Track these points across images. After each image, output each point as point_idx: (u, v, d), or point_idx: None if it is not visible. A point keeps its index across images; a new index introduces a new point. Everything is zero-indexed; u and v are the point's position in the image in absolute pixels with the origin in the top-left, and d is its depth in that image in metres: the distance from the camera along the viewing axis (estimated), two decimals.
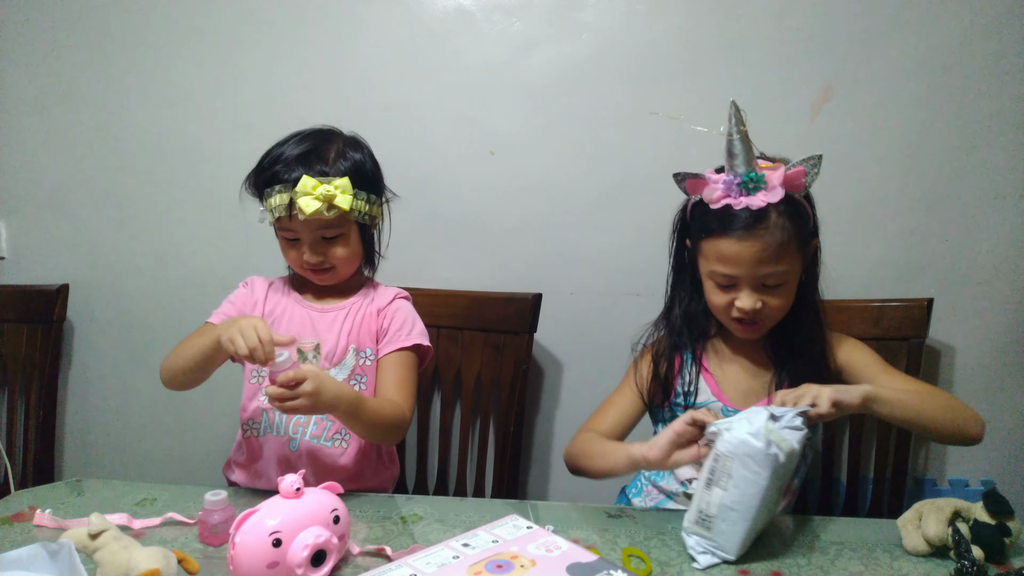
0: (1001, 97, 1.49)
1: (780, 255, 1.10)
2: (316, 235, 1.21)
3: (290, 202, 1.17)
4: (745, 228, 1.08)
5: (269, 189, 1.19)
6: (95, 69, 1.74)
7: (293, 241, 1.23)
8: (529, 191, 1.65)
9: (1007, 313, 1.55)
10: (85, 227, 1.80)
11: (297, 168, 1.18)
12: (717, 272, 1.14)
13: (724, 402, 1.22)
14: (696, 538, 0.95)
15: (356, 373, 1.27)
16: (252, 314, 1.28)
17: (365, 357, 1.28)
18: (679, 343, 1.25)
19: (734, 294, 1.14)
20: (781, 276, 1.12)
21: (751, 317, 1.14)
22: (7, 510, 1.09)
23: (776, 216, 1.09)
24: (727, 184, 1.09)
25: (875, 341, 1.43)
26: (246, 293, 1.32)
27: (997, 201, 1.51)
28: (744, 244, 1.09)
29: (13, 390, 1.75)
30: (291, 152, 1.21)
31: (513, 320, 1.57)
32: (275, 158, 1.22)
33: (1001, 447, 1.58)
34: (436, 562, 0.83)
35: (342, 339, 1.27)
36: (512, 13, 1.61)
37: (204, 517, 0.99)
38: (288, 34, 1.67)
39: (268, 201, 1.20)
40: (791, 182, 1.08)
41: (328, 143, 1.24)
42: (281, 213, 1.18)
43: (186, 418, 1.82)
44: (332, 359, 1.27)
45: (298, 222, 1.19)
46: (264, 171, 1.22)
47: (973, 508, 0.94)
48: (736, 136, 1.06)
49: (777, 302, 1.14)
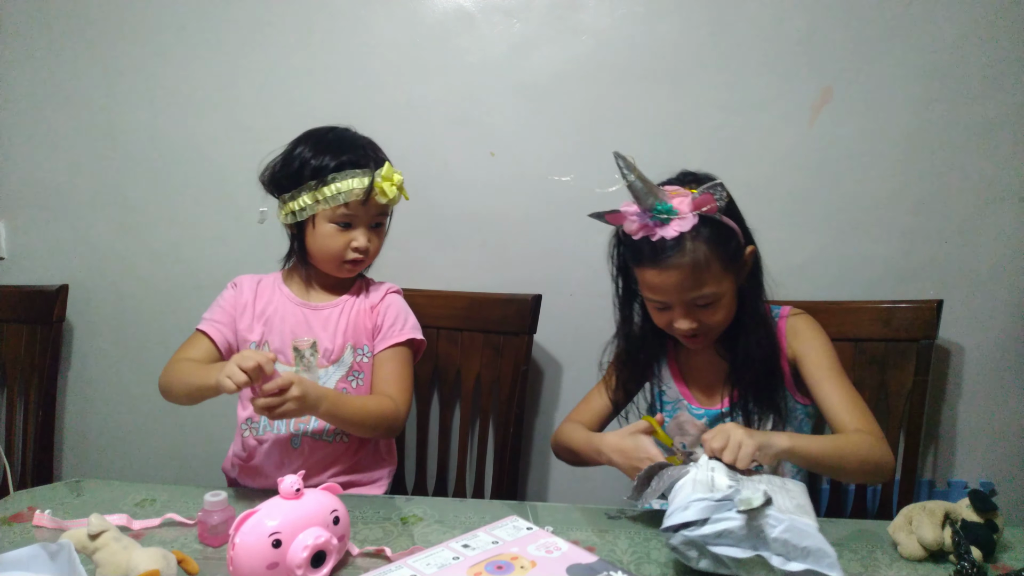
0: (1001, 97, 1.49)
1: (702, 279, 1.11)
2: (372, 222, 1.26)
3: (370, 185, 1.21)
4: (663, 258, 1.10)
5: (339, 174, 1.21)
6: (95, 69, 1.74)
7: (344, 227, 1.24)
8: (529, 192, 1.65)
9: (1011, 314, 1.54)
10: (85, 227, 1.80)
11: (370, 154, 1.24)
12: (650, 298, 1.18)
13: (689, 400, 1.26)
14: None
15: (354, 370, 1.28)
16: (243, 315, 1.29)
17: (363, 354, 1.29)
18: (637, 362, 1.29)
19: (671, 315, 1.17)
20: (709, 297, 1.14)
21: (691, 334, 1.17)
22: (6, 511, 1.09)
23: (691, 243, 1.10)
24: (640, 217, 1.11)
25: (884, 342, 1.44)
26: (234, 295, 1.32)
27: (998, 202, 1.51)
28: (665, 274, 1.11)
29: (12, 390, 1.74)
30: (338, 146, 1.23)
31: (513, 321, 1.57)
32: (329, 153, 1.22)
33: (1009, 448, 1.58)
34: (436, 563, 0.83)
35: (338, 337, 1.28)
36: (512, 14, 1.61)
37: (204, 518, 0.99)
38: (289, 35, 1.67)
39: (333, 184, 1.20)
40: (701, 207, 1.09)
41: (355, 134, 1.29)
42: (356, 197, 1.21)
43: (185, 419, 1.82)
44: (330, 357, 1.27)
45: (361, 208, 1.22)
46: (321, 164, 1.22)
47: (958, 508, 0.95)
48: (633, 181, 1.07)
49: (715, 318, 1.16)
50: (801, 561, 0.85)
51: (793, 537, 0.85)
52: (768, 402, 1.21)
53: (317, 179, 1.22)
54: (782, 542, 0.85)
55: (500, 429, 1.60)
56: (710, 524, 0.87)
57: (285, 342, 1.28)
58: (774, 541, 0.85)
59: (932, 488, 1.62)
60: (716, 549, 0.86)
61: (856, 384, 1.45)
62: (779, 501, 0.90)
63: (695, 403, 1.26)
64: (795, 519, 0.87)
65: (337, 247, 1.25)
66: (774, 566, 0.85)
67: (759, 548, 0.86)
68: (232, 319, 1.30)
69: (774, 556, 0.85)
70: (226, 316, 1.29)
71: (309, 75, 1.68)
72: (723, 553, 0.86)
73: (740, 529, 0.86)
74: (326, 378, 1.27)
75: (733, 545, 0.86)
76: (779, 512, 0.87)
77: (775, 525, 0.86)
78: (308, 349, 1.22)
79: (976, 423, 1.58)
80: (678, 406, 1.28)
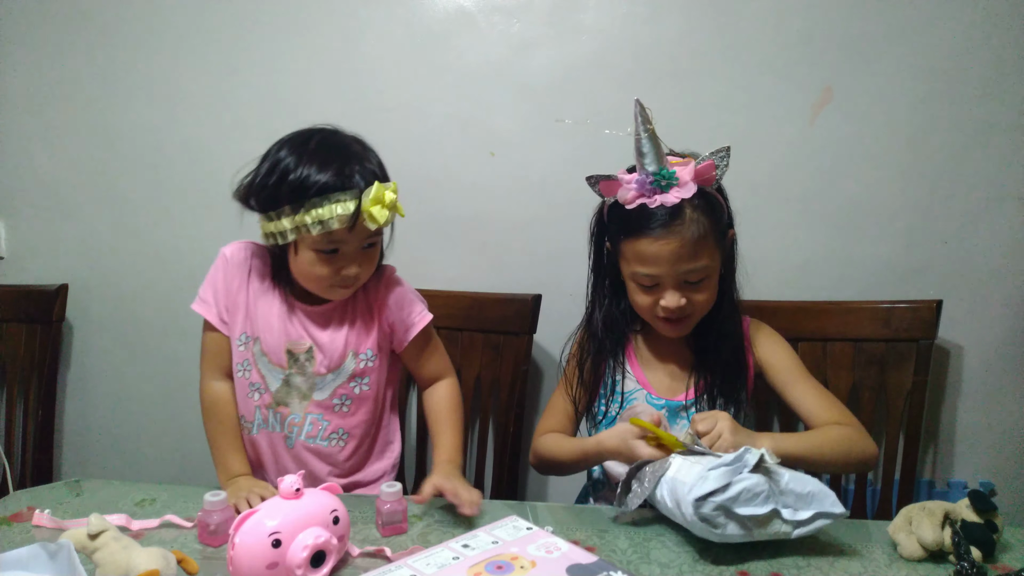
0: (1001, 97, 1.49)
1: (699, 250, 1.10)
2: (362, 245, 1.12)
3: (356, 211, 1.06)
4: (662, 226, 1.09)
5: (319, 199, 1.05)
6: (95, 69, 1.74)
7: (330, 254, 1.11)
8: (529, 192, 1.65)
9: (1011, 314, 1.54)
10: (85, 227, 1.80)
11: (355, 170, 1.07)
12: (639, 273, 1.15)
13: (649, 390, 1.25)
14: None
15: (355, 376, 1.23)
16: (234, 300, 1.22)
17: (366, 359, 1.24)
18: (602, 349, 1.27)
19: (658, 294, 1.15)
20: (702, 271, 1.13)
21: (677, 315, 1.15)
22: (6, 510, 1.09)
23: (691, 211, 1.09)
24: (640, 183, 1.08)
25: (884, 342, 1.44)
26: (225, 274, 1.22)
27: (998, 202, 1.51)
28: (662, 242, 1.09)
29: (12, 390, 1.74)
30: (324, 159, 1.07)
31: (513, 321, 1.57)
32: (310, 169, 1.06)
33: (1008, 448, 1.58)
34: (436, 563, 0.83)
35: (339, 344, 1.21)
36: (512, 14, 1.61)
37: (204, 518, 0.99)
38: (289, 34, 1.67)
39: (313, 212, 1.05)
40: (702, 176, 1.08)
41: (343, 138, 1.14)
42: (340, 225, 1.05)
43: (185, 418, 1.82)
44: (329, 365, 1.21)
45: (348, 234, 1.08)
46: (302, 183, 1.06)
47: (958, 508, 0.95)
48: (644, 135, 1.05)
49: (701, 297, 1.15)
50: (807, 508, 0.92)
51: (797, 485, 0.92)
52: (732, 394, 1.22)
53: (294, 204, 1.07)
54: (790, 492, 0.91)
55: (500, 429, 1.60)
56: (733, 487, 0.90)
57: (277, 342, 1.20)
58: (783, 493, 0.91)
59: (932, 488, 1.62)
60: (741, 510, 0.90)
61: (856, 384, 1.47)
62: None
63: (655, 393, 1.25)
64: (788, 471, 0.93)
65: (322, 275, 1.13)
66: (786, 518, 0.91)
67: (774, 502, 0.91)
68: (222, 301, 1.23)
69: (785, 509, 0.91)
70: (222, 298, 1.23)
71: (309, 75, 1.67)
72: (748, 513, 0.90)
73: (758, 486, 0.91)
74: (324, 384, 1.22)
75: (754, 503, 0.90)
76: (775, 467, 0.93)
77: (782, 474, 0.92)
78: (303, 354, 1.20)
79: (976, 423, 1.58)
80: (635, 395, 1.26)
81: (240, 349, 1.23)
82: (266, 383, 1.23)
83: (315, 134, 1.14)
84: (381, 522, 1.02)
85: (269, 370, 1.22)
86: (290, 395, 1.23)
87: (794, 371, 1.24)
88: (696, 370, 1.23)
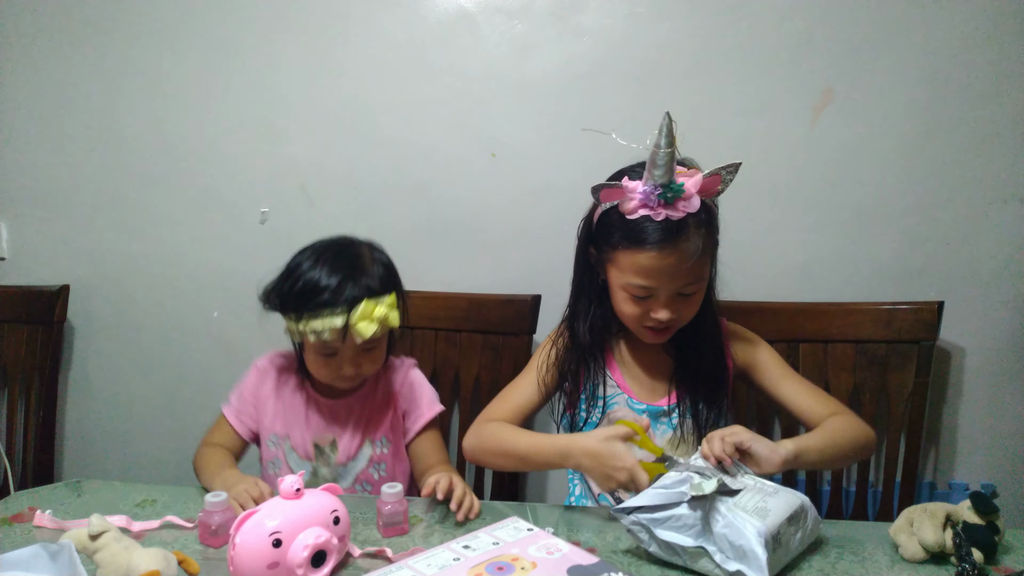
0: (1003, 98, 1.48)
1: (698, 265, 1.09)
2: (360, 349, 1.19)
3: (344, 325, 1.13)
4: (665, 240, 1.05)
5: (313, 312, 1.14)
6: (95, 69, 1.74)
7: (329, 357, 1.20)
8: (530, 193, 1.65)
9: (1012, 315, 1.54)
10: (85, 228, 1.80)
11: (347, 288, 1.14)
12: (633, 284, 1.11)
13: (630, 395, 1.23)
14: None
15: (373, 463, 1.29)
16: (264, 405, 1.30)
17: (382, 446, 1.30)
18: (586, 357, 1.24)
19: (649, 305, 1.12)
20: (698, 286, 1.12)
21: (665, 326, 1.14)
22: (7, 511, 1.09)
23: (694, 226, 1.06)
24: (645, 195, 1.04)
25: (885, 344, 1.44)
26: (256, 384, 1.31)
27: (1000, 203, 1.51)
28: (663, 257, 1.06)
29: (13, 391, 1.74)
30: (330, 270, 1.16)
31: (512, 322, 1.57)
32: (313, 282, 1.15)
33: (1010, 450, 1.58)
34: (437, 564, 0.83)
35: (356, 436, 1.28)
36: (513, 16, 1.61)
37: (204, 518, 0.99)
38: (289, 36, 1.67)
39: (310, 323, 1.14)
40: (706, 190, 1.06)
41: (356, 249, 1.22)
42: (331, 336, 1.14)
43: (186, 419, 1.82)
44: (348, 455, 1.28)
45: (343, 342, 1.16)
46: (303, 295, 1.15)
47: (959, 510, 0.95)
48: (664, 151, 1.01)
49: (692, 309, 1.14)
50: (737, 561, 0.87)
51: (731, 534, 0.87)
52: (713, 397, 1.20)
53: (297, 311, 1.16)
54: (722, 537, 0.88)
55: None
56: (661, 510, 0.90)
57: (304, 436, 1.28)
58: (716, 536, 0.88)
59: (933, 490, 1.62)
60: (662, 533, 0.90)
61: (857, 385, 1.47)
62: (745, 500, 0.91)
63: (636, 397, 1.23)
64: (738, 517, 0.88)
65: (326, 371, 1.23)
66: (717, 562, 0.88)
67: (704, 540, 0.89)
68: (253, 408, 1.31)
69: (717, 552, 0.88)
70: (247, 406, 1.31)
71: (309, 75, 1.67)
72: (668, 539, 0.89)
73: (688, 518, 0.89)
74: (346, 473, 1.29)
75: (683, 532, 0.89)
76: (729, 509, 0.89)
77: (718, 520, 0.89)
78: (328, 446, 1.27)
79: (977, 425, 1.58)
80: (616, 400, 1.24)
81: (271, 448, 1.31)
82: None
83: (328, 247, 1.21)
84: (382, 523, 1.02)
85: (298, 465, 1.29)
86: (317, 487, 1.24)
87: (778, 369, 1.23)
88: (677, 374, 1.22)
